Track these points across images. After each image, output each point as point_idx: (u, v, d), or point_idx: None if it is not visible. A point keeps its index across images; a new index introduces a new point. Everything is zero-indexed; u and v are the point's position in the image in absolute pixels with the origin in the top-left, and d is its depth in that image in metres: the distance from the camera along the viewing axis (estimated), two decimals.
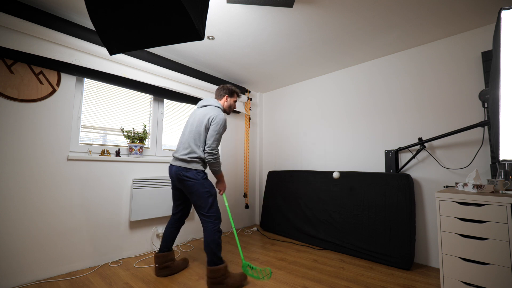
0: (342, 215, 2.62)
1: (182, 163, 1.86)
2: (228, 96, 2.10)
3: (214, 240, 1.78)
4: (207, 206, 1.82)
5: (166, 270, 2.00)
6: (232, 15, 2.04)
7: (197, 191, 1.82)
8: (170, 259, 2.02)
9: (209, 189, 1.85)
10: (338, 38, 2.37)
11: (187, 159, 1.85)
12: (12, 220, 1.81)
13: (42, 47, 1.91)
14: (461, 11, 1.97)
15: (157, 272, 1.98)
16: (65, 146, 2.09)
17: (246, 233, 3.30)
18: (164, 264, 1.99)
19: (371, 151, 2.77)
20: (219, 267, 1.75)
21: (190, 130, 1.92)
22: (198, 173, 1.84)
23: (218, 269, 1.75)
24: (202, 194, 1.82)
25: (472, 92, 2.18)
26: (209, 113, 1.92)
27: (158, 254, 1.98)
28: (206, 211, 1.82)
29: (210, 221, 1.81)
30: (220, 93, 2.11)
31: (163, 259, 1.98)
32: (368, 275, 2.04)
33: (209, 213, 1.82)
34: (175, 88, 2.75)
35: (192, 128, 1.92)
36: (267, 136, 3.98)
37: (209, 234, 1.79)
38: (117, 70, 2.30)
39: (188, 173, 1.82)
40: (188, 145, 1.88)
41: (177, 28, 1.02)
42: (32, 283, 1.84)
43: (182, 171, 1.83)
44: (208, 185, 1.86)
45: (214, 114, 1.91)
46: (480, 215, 1.53)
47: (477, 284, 1.50)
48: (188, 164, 1.84)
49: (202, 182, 1.84)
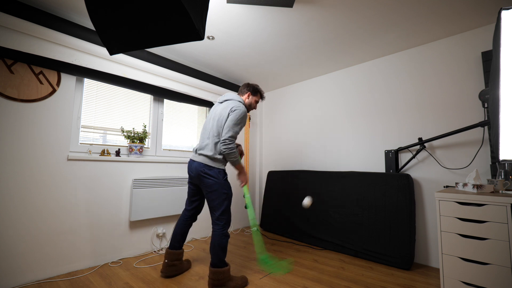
0: (342, 215, 2.62)
1: (205, 160, 1.81)
2: (251, 93, 2.06)
3: (221, 244, 1.75)
4: (221, 208, 1.79)
5: (173, 268, 1.96)
6: (232, 15, 2.04)
7: (216, 191, 1.78)
8: (178, 258, 1.99)
9: (227, 191, 1.82)
10: (338, 37, 2.37)
11: (211, 156, 1.80)
12: (12, 220, 1.81)
13: (42, 47, 1.91)
14: (461, 11, 1.97)
15: (164, 269, 1.93)
16: (65, 146, 2.09)
17: (246, 233, 3.30)
18: (173, 261, 1.95)
19: (371, 151, 2.77)
20: (223, 269, 1.74)
21: (212, 126, 1.87)
22: (220, 172, 1.82)
23: (221, 272, 1.73)
24: (220, 195, 1.79)
25: (472, 92, 2.18)
26: (230, 105, 1.88)
27: (170, 251, 1.95)
28: (219, 214, 1.78)
29: (220, 224, 1.78)
30: (243, 89, 2.07)
31: (174, 256, 1.95)
32: (368, 275, 2.04)
33: (222, 216, 1.79)
34: (175, 88, 2.75)
35: (214, 123, 1.87)
36: (267, 136, 3.98)
37: (217, 237, 1.76)
38: (117, 70, 2.30)
39: (211, 171, 1.79)
40: (212, 141, 1.83)
41: (177, 28, 1.02)
42: (32, 283, 1.84)
43: (205, 168, 1.79)
44: (227, 187, 1.83)
45: (236, 105, 1.87)
46: (480, 215, 1.53)
47: (477, 284, 1.50)
48: (212, 162, 1.80)
49: (223, 183, 1.80)
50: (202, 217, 2.91)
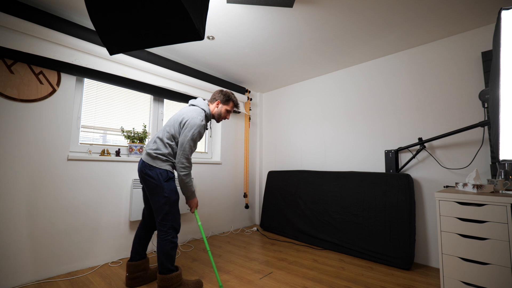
0: (342, 215, 2.62)
1: (147, 158, 1.68)
2: (220, 102, 1.91)
3: (164, 250, 1.62)
4: (162, 213, 1.64)
5: (137, 280, 1.80)
6: (232, 15, 2.04)
7: (156, 194, 1.64)
8: (142, 269, 1.82)
9: (168, 195, 1.65)
10: (338, 38, 2.37)
11: (152, 155, 1.67)
12: (12, 220, 1.81)
13: (42, 47, 1.91)
14: (461, 11, 1.97)
15: (127, 282, 1.78)
16: (65, 146, 2.09)
17: (246, 233, 3.30)
18: (135, 274, 1.79)
19: (371, 151, 2.77)
20: (170, 275, 1.61)
21: (167, 125, 1.77)
22: (162, 173, 1.66)
23: (168, 278, 1.61)
24: (160, 199, 1.64)
25: (472, 92, 2.18)
26: (186, 114, 1.75)
27: (130, 263, 1.79)
28: (160, 218, 1.65)
29: (163, 230, 1.64)
30: (215, 96, 1.93)
31: (134, 268, 1.79)
32: (368, 275, 2.04)
33: (163, 222, 1.65)
34: (175, 88, 2.75)
35: (168, 123, 1.77)
36: (267, 136, 3.98)
37: (160, 243, 1.63)
38: (117, 70, 2.30)
39: (151, 171, 1.65)
40: (158, 138, 1.72)
41: (177, 28, 1.02)
42: (32, 283, 1.84)
43: (146, 168, 1.65)
44: (169, 190, 1.66)
45: (189, 117, 1.72)
46: (480, 215, 1.53)
47: (477, 284, 1.50)
48: (152, 161, 1.66)
49: (163, 185, 1.64)
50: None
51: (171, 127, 1.74)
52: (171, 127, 1.74)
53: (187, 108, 1.83)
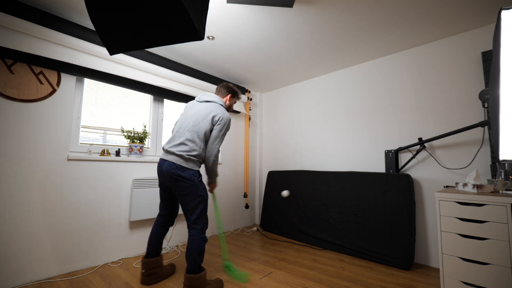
0: (342, 215, 2.62)
1: (178, 160, 1.67)
2: (231, 96, 2.03)
3: (199, 248, 1.66)
4: (197, 212, 1.69)
5: (153, 277, 1.86)
6: (232, 15, 2.04)
7: (189, 194, 1.68)
8: (158, 265, 1.88)
9: (203, 194, 1.72)
10: (338, 38, 2.37)
11: (185, 156, 1.67)
12: (12, 220, 1.81)
13: (42, 47, 1.91)
14: (461, 11, 1.97)
15: (143, 279, 1.83)
16: (65, 146, 2.09)
17: (246, 233, 3.30)
18: (151, 270, 1.85)
19: (371, 151, 2.77)
20: (199, 275, 1.65)
21: (194, 124, 1.75)
22: (195, 174, 1.70)
23: (197, 277, 1.64)
24: (194, 198, 1.68)
25: (472, 92, 2.18)
26: (214, 110, 1.80)
27: (146, 260, 1.83)
28: (195, 217, 1.69)
29: (197, 228, 1.69)
30: (223, 90, 2.02)
31: (151, 265, 1.84)
32: (368, 275, 2.04)
33: (199, 220, 1.70)
34: (175, 88, 2.75)
35: (196, 123, 1.75)
36: (267, 136, 3.98)
37: (194, 241, 1.66)
38: (117, 70, 2.30)
39: (184, 173, 1.66)
40: (189, 140, 1.71)
41: (177, 28, 1.02)
42: (32, 283, 1.84)
43: (178, 170, 1.65)
44: (202, 188, 1.73)
45: (221, 113, 1.80)
46: (480, 215, 1.53)
47: (477, 284, 1.50)
48: (185, 163, 1.67)
49: (198, 185, 1.69)
50: None
51: (201, 126, 1.75)
52: (201, 127, 1.75)
53: (209, 105, 1.85)
